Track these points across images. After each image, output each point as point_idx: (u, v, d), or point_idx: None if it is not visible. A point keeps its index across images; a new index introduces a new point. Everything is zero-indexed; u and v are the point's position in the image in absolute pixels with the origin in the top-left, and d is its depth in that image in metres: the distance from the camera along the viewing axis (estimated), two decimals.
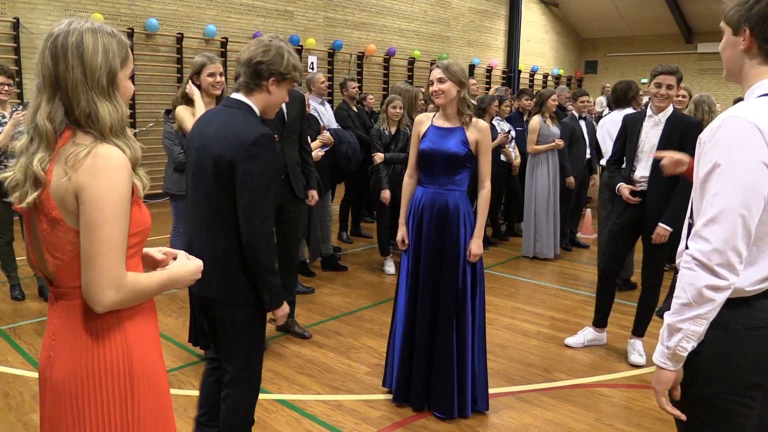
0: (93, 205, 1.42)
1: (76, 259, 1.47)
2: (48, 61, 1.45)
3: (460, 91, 3.21)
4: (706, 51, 17.82)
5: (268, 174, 2.26)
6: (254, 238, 2.25)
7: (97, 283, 1.42)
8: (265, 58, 2.32)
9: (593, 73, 20.57)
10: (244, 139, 2.22)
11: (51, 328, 1.55)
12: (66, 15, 9.19)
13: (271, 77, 2.34)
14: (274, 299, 2.38)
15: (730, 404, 1.62)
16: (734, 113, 1.53)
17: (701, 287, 1.53)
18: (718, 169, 1.52)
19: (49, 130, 1.45)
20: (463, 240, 3.26)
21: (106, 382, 1.51)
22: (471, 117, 3.27)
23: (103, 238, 1.42)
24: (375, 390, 3.64)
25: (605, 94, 11.46)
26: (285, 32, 11.74)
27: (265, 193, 2.25)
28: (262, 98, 2.38)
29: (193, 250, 2.21)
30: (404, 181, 3.49)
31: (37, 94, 1.49)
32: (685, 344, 1.59)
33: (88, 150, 1.43)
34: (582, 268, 6.51)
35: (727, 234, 1.50)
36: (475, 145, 3.26)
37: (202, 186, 2.35)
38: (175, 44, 10.41)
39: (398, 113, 5.93)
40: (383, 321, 4.76)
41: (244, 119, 2.31)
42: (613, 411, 3.48)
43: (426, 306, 3.30)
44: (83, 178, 1.42)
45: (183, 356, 3.99)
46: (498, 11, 17.35)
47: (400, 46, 14.40)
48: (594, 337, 4.39)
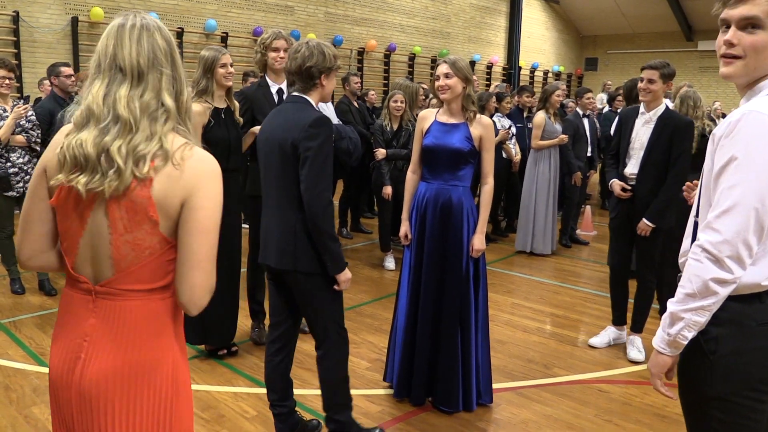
0: (206, 210, 1.41)
1: (149, 264, 1.43)
2: (165, 48, 1.46)
3: (465, 88, 3.22)
4: (706, 49, 17.82)
5: (326, 149, 2.58)
6: (315, 205, 2.53)
7: (204, 287, 1.43)
8: (311, 62, 2.62)
9: (594, 71, 20.57)
10: (303, 122, 2.55)
11: (82, 329, 1.46)
12: (66, 9, 9.18)
13: (321, 74, 2.66)
14: (335, 264, 2.64)
15: (745, 400, 1.62)
16: (755, 107, 1.51)
17: (707, 279, 1.53)
18: (735, 162, 1.50)
19: (175, 111, 1.44)
20: (466, 235, 3.27)
21: (156, 381, 1.47)
22: (475, 113, 3.27)
23: (212, 243, 1.43)
24: (375, 385, 3.65)
25: (606, 91, 11.46)
26: (285, 27, 11.73)
27: (323, 166, 2.56)
28: (318, 92, 2.71)
29: (267, 228, 2.71)
30: (407, 177, 3.51)
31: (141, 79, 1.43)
32: (686, 333, 1.60)
33: (189, 149, 1.43)
34: (581, 265, 6.52)
35: (739, 226, 1.49)
36: (479, 141, 3.26)
37: (271, 171, 2.67)
38: (175, 39, 10.36)
39: (400, 107, 5.93)
40: (384, 316, 4.77)
41: (302, 108, 2.65)
42: (612, 407, 3.49)
43: (429, 301, 3.31)
44: (194, 182, 1.41)
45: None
46: (499, 8, 17.32)
47: (401, 42, 14.39)
48: (617, 335, 4.37)
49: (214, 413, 3.29)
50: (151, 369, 1.46)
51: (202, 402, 3.39)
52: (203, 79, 3.70)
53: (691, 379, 1.70)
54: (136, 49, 1.43)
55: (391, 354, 3.52)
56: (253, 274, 4.21)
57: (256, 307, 4.24)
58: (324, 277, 2.67)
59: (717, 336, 1.61)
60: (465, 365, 3.30)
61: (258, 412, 3.32)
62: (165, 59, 1.46)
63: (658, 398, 3.55)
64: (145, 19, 1.48)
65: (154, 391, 1.47)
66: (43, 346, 4.05)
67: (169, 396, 1.50)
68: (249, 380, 3.67)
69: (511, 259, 6.64)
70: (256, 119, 3.93)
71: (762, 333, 1.59)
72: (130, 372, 1.44)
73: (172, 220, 1.41)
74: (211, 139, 3.67)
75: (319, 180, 2.54)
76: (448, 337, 3.29)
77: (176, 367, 1.51)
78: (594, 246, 7.29)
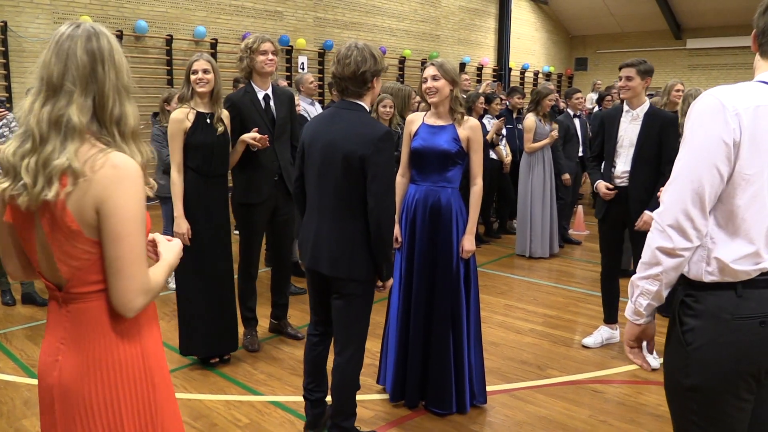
0: (117, 216, 1.44)
1: (92, 266, 1.48)
2: (83, 60, 1.45)
3: (452, 90, 3.24)
4: (695, 47, 17.88)
5: (392, 164, 2.70)
6: (385, 218, 2.65)
7: (130, 290, 1.47)
8: (365, 66, 2.68)
9: (584, 70, 20.61)
10: (372, 136, 2.60)
11: (59, 333, 1.54)
12: (54, 18, 9.14)
13: (374, 78, 2.73)
14: (390, 271, 2.84)
15: (723, 394, 1.65)
16: (710, 91, 1.64)
17: (654, 248, 1.66)
18: (684, 139, 1.65)
19: (83, 127, 1.45)
20: (456, 237, 3.28)
21: (127, 379, 1.54)
22: (463, 115, 3.29)
23: (130, 247, 1.45)
24: (368, 390, 3.63)
25: (596, 91, 11.50)
26: (275, 33, 11.72)
27: (391, 180, 2.71)
28: (370, 95, 2.78)
29: (319, 235, 2.75)
30: (396, 180, 3.49)
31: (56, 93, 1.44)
32: (641, 300, 1.73)
33: (105, 156, 1.44)
34: (574, 265, 6.52)
35: (676, 196, 1.62)
36: (467, 143, 3.27)
37: (330, 179, 2.70)
38: (164, 46, 10.37)
39: (388, 112, 5.92)
40: (375, 321, 4.73)
41: (366, 120, 2.72)
42: (606, 407, 3.49)
43: (421, 303, 3.31)
44: (103, 190, 1.42)
45: (175, 359, 3.97)
46: (488, 9, 17.36)
47: (391, 45, 14.39)
48: (609, 335, 4.39)
49: (206, 422, 3.26)
50: (119, 364, 1.53)
51: (194, 411, 3.37)
52: (185, 86, 3.73)
53: (670, 368, 1.76)
54: (54, 61, 1.46)
55: (384, 357, 3.50)
56: (245, 281, 4.19)
57: (249, 315, 4.22)
58: (371, 285, 2.82)
59: (694, 327, 1.66)
60: (458, 367, 3.30)
61: (251, 420, 3.30)
62: (79, 71, 1.45)
63: (652, 397, 3.55)
64: (76, 29, 1.48)
65: (128, 385, 1.54)
66: (34, 357, 4.01)
67: (145, 389, 1.57)
68: (242, 388, 3.65)
69: (504, 261, 6.64)
70: (244, 126, 3.91)
71: (737, 326, 1.62)
72: (102, 372, 1.52)
73: (94, 226, 1.45)
74: (193, 144, 3.67)
75: (388, 193, 2.66)
76: (440, 339, 3.29)
77: (147, 365, 1.58)
78: (586, 246, 7.30)
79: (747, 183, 1.59)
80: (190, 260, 3.75)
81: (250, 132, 3.86)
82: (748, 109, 1.57)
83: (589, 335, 4.42)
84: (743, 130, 1.56)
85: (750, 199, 1.60)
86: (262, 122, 3.97)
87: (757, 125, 1.57)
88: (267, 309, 4.54)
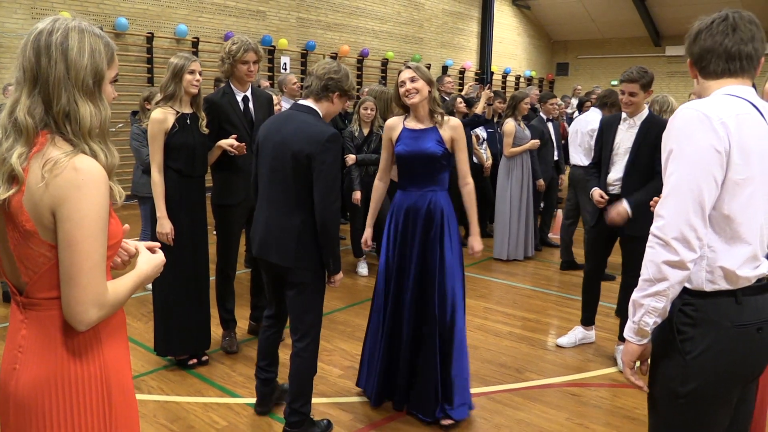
0: (73, 221, 1.37)
1: (50, 271, 1.42)
2: (30, 55, 1.41)
3: (431, 90, 3.23)
4: (673, 54, 18.14)
5: (337, 164, 2.88)
6: (328, 214, 2.83)
7: (81, 302, 1.39)
8: (336, 76, 2.91)
9: (564, 75, 20.80)
10: (320, 137, 2.80)
11: (18, 340, 1.48)
12: (33, 14, 9.01)
13: (336, 91, 2.93)
14: (337, 265, 2.99)
15: (717, 400, 1.68)
16: (686, 105, 1.68)
17: (660, 263, 1.64)
18: (672, 154, 1.66)
19: (30, 124, 1.40)
20: (449, 240, 3.25)
21: (84, 393, 1.47)
22: (443, 115, 3.27)
23: (84, 255, 1.38)
24: (347, 393, 3.63)
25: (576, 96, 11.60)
26: (257, 33, 11.67)
27: (335, 179, 2.85)
28: (326, 106, 2.96)
29: (268, 226, 2.96)
30: (375, 184, 3.54)
31: (16, 86, 1.44)
32: (647, 319, 1.70)
33: (68, 159, 1.38)
34: (554, 269, 6.57)
35: (679, 207, 1.62)
36: (451, 143, 3.26)
37: (279, 174, 2.90)
38: (145, 44, 10.27)
39: (369, 114, 5.93)
40: (356, 323, 4.75)
41: (316, 121, 2.89)
42: (583, 410, 3.51)
43: (411, 308, 3.28)
44: (61, 192, 1.37)
45: (152, 360, 3.93)
46: (471, 13, 17.45)
47: (374, 47, 14.41)
48: (584, 335, 4.45)
49: (182, 424, 3.24)
50: (76, 380, 1.46)
51: (170, 413, 3.34)
52: (171, 84, 3.66)
53: (663, 376, 1.75)
54: (19, 60, 1.44)
55: (365, 360, 3.49)
56: (223, 282, 4.16)
57: (227, 316, 4.19)
58: (317, 275, 2.97)
59: (693, 336, 1.67)
60: (444, 374, 3.25)
61: (228, 422, 3.28)
62: (26, 66, 1.42)
63: (629, 401, 3.59)
64: (37, 28, 1.44)
65: (84, 404, 1.47)
66: None
67: (101, 410, 1.50)
68: (220, 390, 3.63)
69: (484, 264, 6.67)
70: (222, 128, 3.89)
71: (737, 334, 1.65)
72: (56, 383, 1.45)
73: (51, 229, 1.40)
74: (176, 145, 3.64)
75: (332, 191, 2.83)
76: (428, 345, 3.26)
77: (106, 384, 1.50)
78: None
79: (739, 188, 1.63)
80: (169, 261, 3.71)
81: (227, 133, 3.85)
82: (730, 117, 1.63)
83: (564, 335, 4.48)
84: (731, 138, 1.61)
85: (743, 203, 1.65)
86: (241, 124, 3.95)
87: (741, 132, 1.62)
88: (245, 310, 4.52)
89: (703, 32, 1.77)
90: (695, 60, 1.80)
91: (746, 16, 1.74)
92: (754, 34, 1.72)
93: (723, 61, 1.74)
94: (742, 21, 1.72)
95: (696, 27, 1.80)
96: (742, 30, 1.71)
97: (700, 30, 1.78)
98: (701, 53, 1.77)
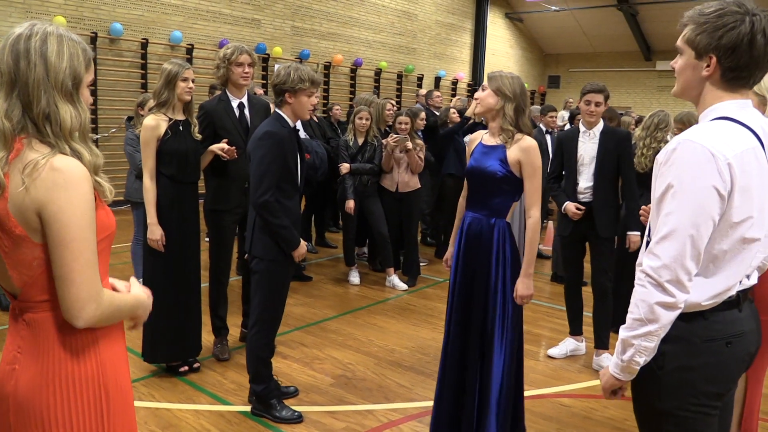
0: (59, 222, 1.39)
1: (44, 273, 1.44)
2: (8, 59, 1.42)
3: (503, 105, 2.88)
4: (664, 69, 18.33)
5: (268, 159, 3.09)
6: (257, 206, 3.12)
7: (77, 299, 1.41)
8: (278, 80, 3.16)
9: (556, 88, 20.95)
10: (257, 135, 3.16)
11: (16, 341, 1.50)
12: (28, 17, 9.00)
13: (285, 92, 3.16)
14: (288, 244, 3.21)
15: (695, 414, 1.68)
16: (689, 137, 1.59)
17: (653, 304, 1.60)
18: (671, 190, 1.58)
19: (7, 128, 1.41)
20: (494, 276, 2.93)
21: (81, 393, 1.49)
22: (512, 133, 2.89)
23: (76, 253, 1.40)
24: (339, 401, 3.63)
25: (567, 109, 11.70)
26: (252, 41, 11.70)
27: (264, 173, 3.09)
28: (287, 108, 3.21)
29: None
30: (459, 201, 3.26)
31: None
32: (637, 359, 1.66)
33: (46, 160, 1.39)
34: (544, 279, 6.61)
35: (676, 252, 1.57)
36: (517, 166, 2.87)
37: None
38: (139, 50, 10.27)
39: (364, 124, 5.96)
40: (347, 332, 4.77)
41: (269, 122, 3.21)
42: (573, 421, 3.54)
43: (456, 341, 3.04)
44: (43, 194, 1.38)
45: (143, 367, 3.92)
46: (464, 25, 17.56)
47: (367, 56, 14.46)
48: (575, 346, 4.51)
49: None
50: (72, 380, 1.48)
51: (162, 420, 3.33)
52: (164, 91, 3.69)
53: (642, 393, 1.76)
54: None
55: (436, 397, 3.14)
56: (216, 288, 4.16)
57: (219, 323, 4.19)
58: (270, 266, 3.22)
59: (664, 352, 1.67)
60: (481, 406, 2.96)
61: (220, 430, 3.27)
62: (6, 74, 1.42)
63: (618, 412, 3.62)
64: (14, 32, 1.45)
65: (80, 403, 1.49)
66: None
67: (98, 409, 1.51)
68: (211, 397, 3.62)
69: None
70: (218, 134, 3.92)
71: (707, 349, 1.66)
72: (54, 383, 1.47)
73: (40, 231, 1.41)
74: (168, 151, 3.66)
75: (260, 184, 3.09)
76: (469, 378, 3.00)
77: (103, 383, 1.52)
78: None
79: (732, 229, 1.60)
80: (161, 267, 3.73)
81: (222, 139, 3.89)
82: (735, 156, 1.55)
83: (555, 346, 4.53)
84: (734, 180, 1.55)
85: (734, 244, 1.62)
86: (236, 130, 3.97)
87: (743, 172, 1.56)
88: (237, 318, 4.52)
89: (758, 35, 1.55)
90: (728, 66, 1.60)
91: None
92: None
93: (759, 76, 1.61)
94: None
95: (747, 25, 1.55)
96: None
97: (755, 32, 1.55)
98: (746, 64, 1.59)
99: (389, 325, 5.00)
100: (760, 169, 1.62)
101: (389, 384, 3.91)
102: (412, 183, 6.11)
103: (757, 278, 1.82)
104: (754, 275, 1.79)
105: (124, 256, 6.07)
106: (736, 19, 1.56)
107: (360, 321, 5.08)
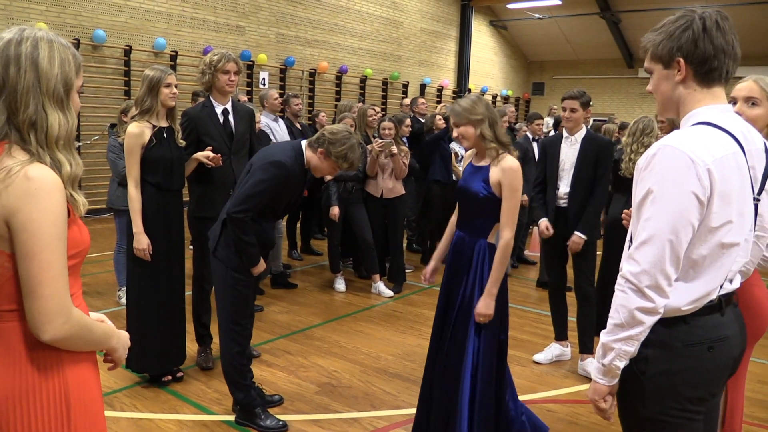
0: (28, 232, 1.36)
1: (9, 282, 1.40)
2: None
3: (480, 128, 2.89)
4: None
5: (260, 186, 3.10)
6: (230, 219, 3.15)
7: (44, 312, 1.37)
8: (332, 137, 3.13)
9: (540, 95, 21.10)
10: (269, 158, 3.13)
11: None
12: (9, 24, 8.91)
13: (323, 148, 3.14)
14: (249, 260, 3.22)
15: (677, 420, 1.68)
16: (669, 142, 1.60)
17: (632, 309, 1.60)
18: (651, 195, 1.59)
19: None
20: (467, 293, 2.95)
21: (43, 408, 1.44)
22: (498, 152, 2.89)
23: (45, 266, 1.37)
24: (324, 410, 3.60)
25: (552, 116, 11.77)
26: (236, 47, 11.66)
27: (250, 196, 3.11)
28: (314, 158, 3.18)
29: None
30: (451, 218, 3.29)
31: None
32: (617, 363, 1.66)
33: (21, 168, 1.36)
34: (530, 285, 6.62)
35: (655, 257, 1.57)
36: (497, 187, 2.88)
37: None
38: (122, 56, 10.20)
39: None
40: (333, 339, 4.74)
41: (284, 151, 3.18)
42: (559, 426, 3.53)
43: (431, 349, 3.11)
44: (14, 202, 1.35)
45: (125, 377, 3.87)
46: (449, 32, 17.65)
47: (352, 64, 14.48)
48: (560, 352, 4.52)
49: None
50: (35, 395, 1.43)
51: (144, 430, 3.28)
52: (147, 98, 3.64)
53: (625, 399, 1.75)
54: None
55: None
56: (199, 296, 4.12)
57: (202, 331, 4.15)
58: (230, 272, 3.23)
59: (646, 357, 1.67)
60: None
61: None
62: None
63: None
64: (3, 37, 1.43)
65: (42, 420, 1.44)
66: None
67: (60, 428, 1.46)
68: (194, 407, 3.57)
69: None
70: (201, 140, 3.88)
71: (688, 353, 1.65)
72: (17, 397, 1.42)
73: (6, 238, 1.38)
74: (153, 159, 3.62)
75: (242, 202, 3.13)
76: (443, 396, 3.02)
77: (67, 400, 1.46)
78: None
79: (711, 234, 1.60)
80: (146, 275, 3.68)
81: (206, 146, 3.85)
82: (715, 162, 1.56)
83: (540, 352, 4.53)
84: (714, 185, 1.56)
85: (713, 248, 1.62)
86: (220, 137, 3.94)
87: (723, 177, 1.57)
88: None
89: (713, 29, 1.60)
90: (696, 61, 1.63)
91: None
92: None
93: (731, 65, 1.63)
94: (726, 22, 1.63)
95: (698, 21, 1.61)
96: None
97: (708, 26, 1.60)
98: (712, 53, 1.61)
99: (375, 332, 4.98)
100: (740, 174, 1.63)
101: (375, 391, 3.88)
102: (397, 189, 6.10)
103: (740, 282, 1.83)
104: (736, 279, 1.79)
105: (107, 264, 5.99)
106: (687, 19, 1.63)
107: (345, 328, 5.05)
